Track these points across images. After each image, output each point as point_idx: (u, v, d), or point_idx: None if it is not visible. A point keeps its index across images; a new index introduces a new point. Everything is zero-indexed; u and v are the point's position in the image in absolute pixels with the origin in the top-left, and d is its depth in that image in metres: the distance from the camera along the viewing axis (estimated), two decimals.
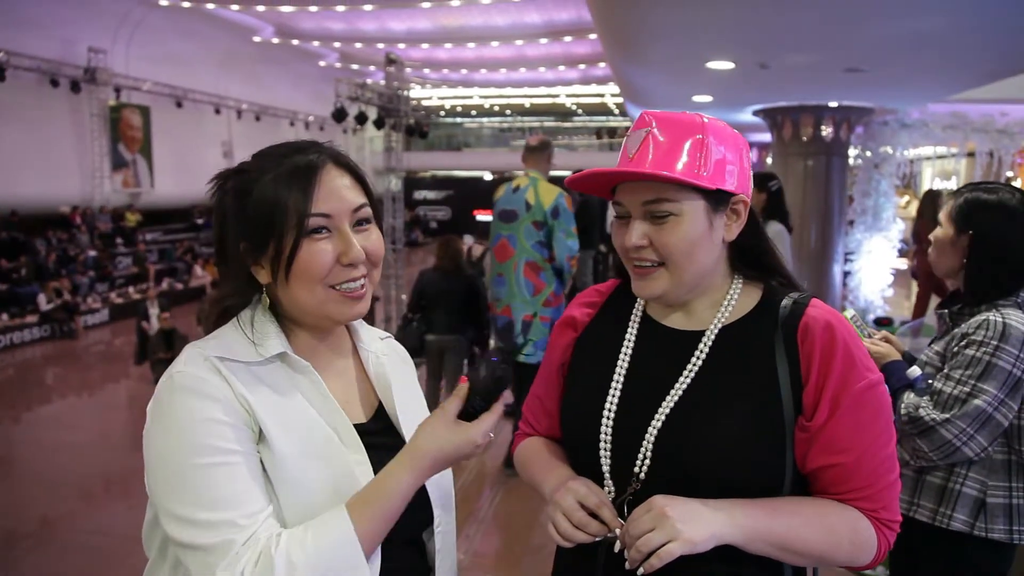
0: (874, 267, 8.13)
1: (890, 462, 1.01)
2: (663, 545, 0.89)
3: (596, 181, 1.06)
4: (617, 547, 0.97)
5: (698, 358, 1.05)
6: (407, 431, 1.05)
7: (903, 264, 9.30)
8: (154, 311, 7.98)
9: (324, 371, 1.01)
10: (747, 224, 1.08)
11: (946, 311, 1.83)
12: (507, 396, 1.06)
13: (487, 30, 16.87)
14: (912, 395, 1.73)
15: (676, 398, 1.03)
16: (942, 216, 1.81)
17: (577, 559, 1.06)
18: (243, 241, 0.98)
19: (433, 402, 6.34)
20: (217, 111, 18.32)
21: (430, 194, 27.21)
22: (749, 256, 1.11)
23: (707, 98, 7.42)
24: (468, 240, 9.14)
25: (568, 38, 16.74)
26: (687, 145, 1.00)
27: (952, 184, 13.11)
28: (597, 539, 0.98)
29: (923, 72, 5.78)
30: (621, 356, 1.10)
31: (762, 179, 4.35)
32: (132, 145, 16.10)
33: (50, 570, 3.89)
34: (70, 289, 11.42)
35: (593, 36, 14.96)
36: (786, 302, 1.05)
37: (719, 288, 1.09)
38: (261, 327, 0.99)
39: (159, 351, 6.92)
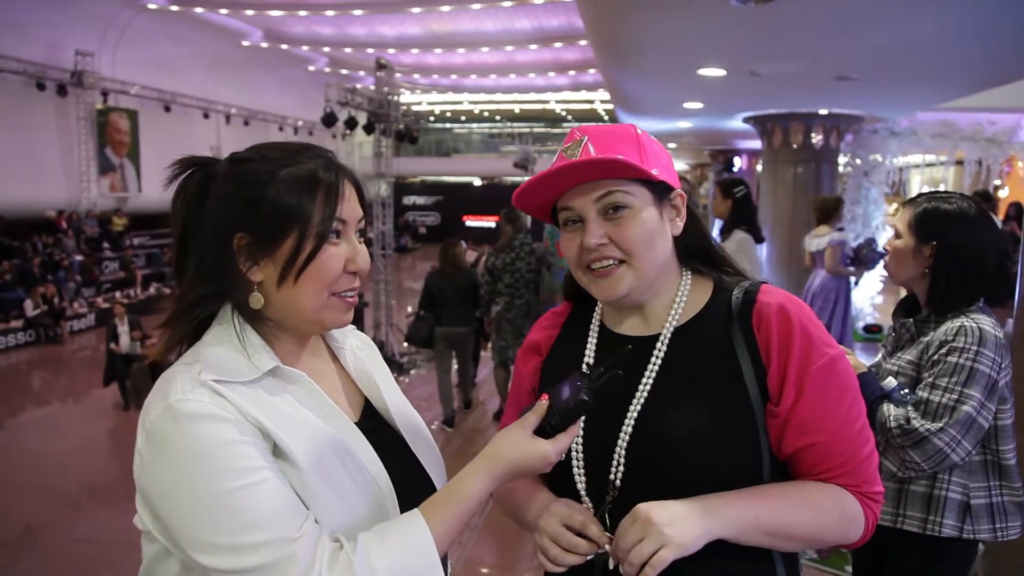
0: (863, 275, 8.17)
1: (864, 435, 1.02)
2: (656, 553, 0.89)
3: (543, 189, 1.05)
4: (612, 563, 0.96)
5: (656, 359, 1.05)
6: (400, 424, 1.06)
7: None
8: (123, 328, 7.08)
9: (310, 375, 0.99)
10: (688, 220, 1.10)
11: (911, 320, 1.84)
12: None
13: (477, 36, 16.89)
14: (892, 406, 1.73)
15: (640, 403, 1.03)
16: (900, 226, 1.83)
17: (569, 572, 1.05)
18: (244, 235, 0.93)
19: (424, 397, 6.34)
20: (206, 115, 18.21)
21: (419, 200, 27.19)
22: (695, 252, 1.13)
23: (698, 105, 7.46)
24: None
25: (558, 44, 16.79)
26: (628, 145, 1.03)
27: None
28: (588, 558, 0.98)
29: (913, 81, 5.83)
30: (585, 360, 1.12)
31: (728, 185, 4.32)
32: (119, 149, 15.97)
33: None
34: (56, 294, 11.30)
35: (583, 42, 15.03)
36: (737, 292, 1.06)
37: (672, 287, 1.10)
38: (248, 338, 0.95)
39: (143, 388, 5.74)
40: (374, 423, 1.05)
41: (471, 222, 23.79)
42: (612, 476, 1.02)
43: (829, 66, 5.25)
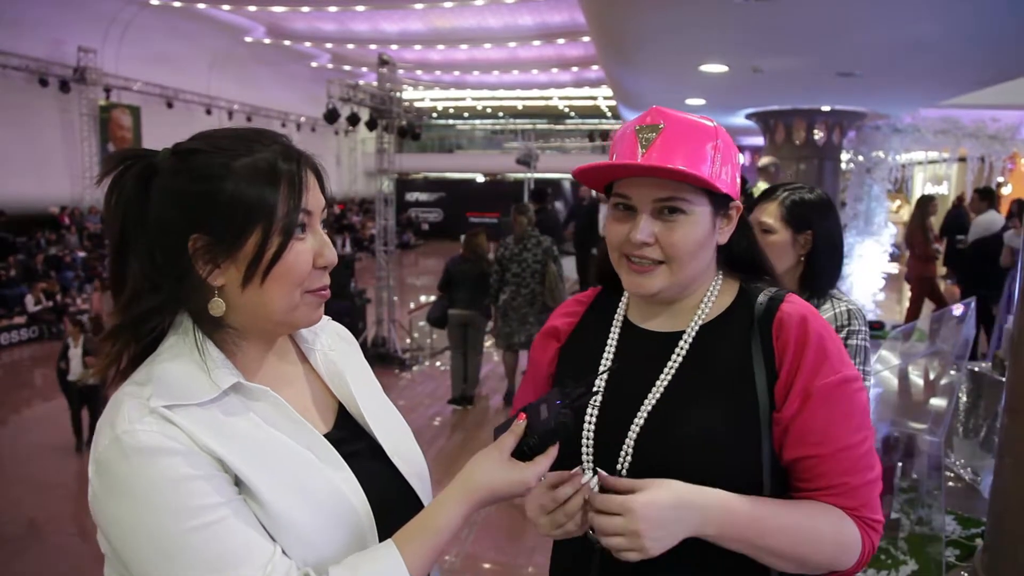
0: (866, 271, 8.17)
1: (868, 459, 1.00)
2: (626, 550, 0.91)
3: (609, 173, 1.05)
4: (592, 481, 0.98)
5: (678, 355, 1.06)
6: (375, 429, 0.99)
7: (894, 268, 9.35)
8: (76, 351, 5.82)
9: (275, 382, 0.92)
10: (737, 232, 1.10)
11: None
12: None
13: (480, 32, 16.85)
14: None
15: (657, 397, 1.04)
16: (769, 220, 1.86)
17: (573, 563, 1.07)
18: (201, 235, 0.84)
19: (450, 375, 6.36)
20: (208, 112, 18.23)
21: (422, 196, 27.17)
22: (738, 257, 1.13)
23: (700, 101, 7.44)
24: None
25: (561, 40, 16.75)
26: (704, 149, 1.00)
27: (943, 189, 13.20)
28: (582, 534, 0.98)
29: (916, 77, 5.81)
30: (603, 362, 1.11)
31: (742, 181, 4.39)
32: (122, 145, 15.95)
33: (40, 573, 3.84)
34: (59, 290, 11.32)
35: (586, 39, 14.99)
36: (762, 298, 1.06)
37: (702, 288, 1.10)
38: (207, 351, 0.86)
39: None
40: (348, 432, 0.98)
41: (474, 219, 23.76)
42: (619, 466, 1.03)
43: (831, 62, 5.23)
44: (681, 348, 1.06)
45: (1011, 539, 2.95)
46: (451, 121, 31.45)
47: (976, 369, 4.51)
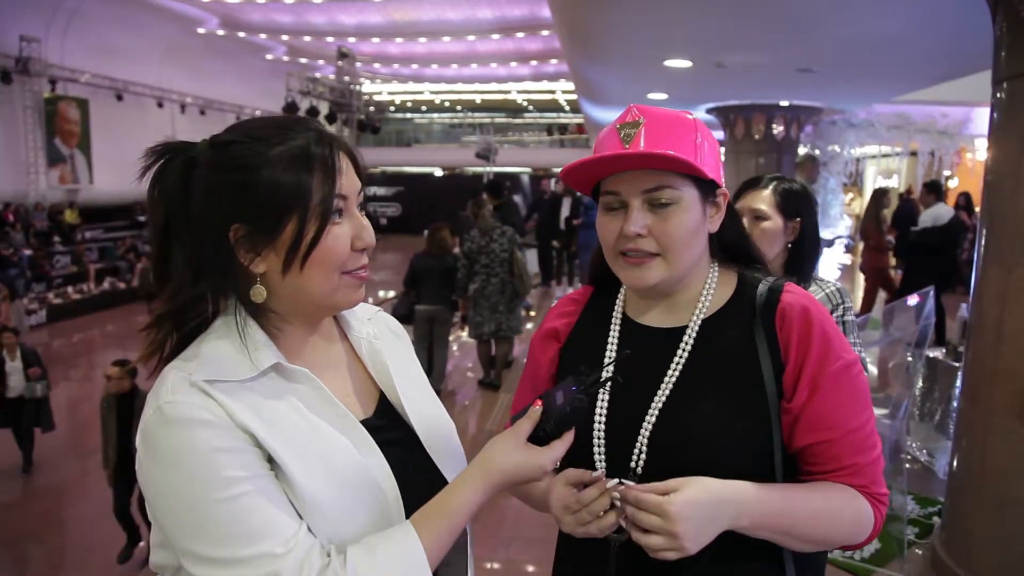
0: (822, 262, 8.39)
1: (872, 438, 1.05)
2: (664, 549, 0.91)
3: (595, 168, 1.05)
4: (616, 491, 0.96)
5: (683, 352, 1.06)
6: (415, 420, 1.00)
7: (848, 259, 9.61)
8: (14, 364, 5.10)
9: (318, 366, 0.94)
10: (727, 219, 1.12)
11: None
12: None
13: (439, 25, 16.76)
14: None
15: (665, 394, 1.04)
16: (764, 208, 1.93)
17: (578, 550, 1.07)
18: (241, 225, 0.87)
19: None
20: (160, 105, 17.74)
21: (380, 190, 26.89)
22: (731, 250, 1.14)
23: (662, 96, 7.53)
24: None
25: (520, 34, 16.77)
26: (685, 138, 1.03)
27: (893, 182, 13.65)
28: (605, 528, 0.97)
29: (871, 73, 5.99)
30: (606, 360, 1.11)
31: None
32: (69, 139, 15.48)
33: None
34: (7, 293, 10.92)
35: (545, 32, 15.05)
36: (761, 289, 1.07)
37: (699, 279, 1.10)
38: (249, 334, 0.89)
39: (111, 426, 3.73)
40: (388, 420, 0.99)
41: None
42: (633, 464, 1.03)
43: (792, 58, 5.36)
44: (685, 344, 1.07)
45: (967, 518, 3.08)
46: (409, 115, 31.22)
47: (931, 355, 4.68)
